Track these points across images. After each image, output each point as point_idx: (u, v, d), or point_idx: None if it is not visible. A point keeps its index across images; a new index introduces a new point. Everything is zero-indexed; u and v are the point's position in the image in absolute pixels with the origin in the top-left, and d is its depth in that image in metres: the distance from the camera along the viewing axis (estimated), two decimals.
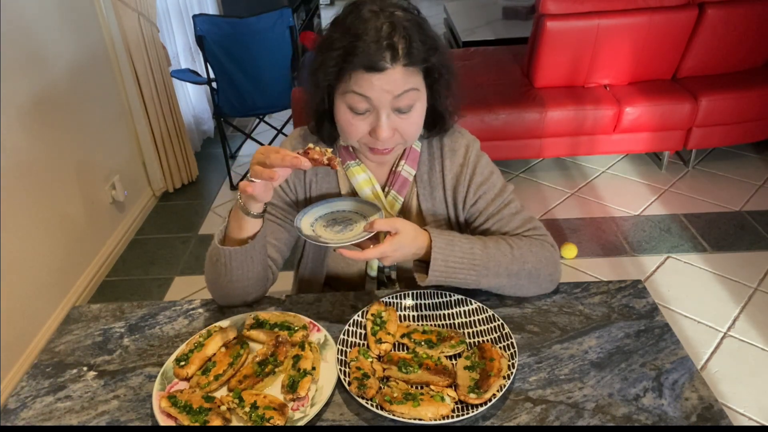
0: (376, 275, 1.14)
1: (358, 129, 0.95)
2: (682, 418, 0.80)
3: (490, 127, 2.79)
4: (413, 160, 1.09)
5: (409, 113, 0.95)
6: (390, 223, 0.90)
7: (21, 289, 2.01)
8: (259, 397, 0.83)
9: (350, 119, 0.95)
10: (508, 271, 0.98)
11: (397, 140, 0.98)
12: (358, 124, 0.95)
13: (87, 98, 2.49)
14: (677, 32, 2.76)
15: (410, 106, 0.94)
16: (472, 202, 1.09)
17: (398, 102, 0.92)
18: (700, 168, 3.10)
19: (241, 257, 0.96)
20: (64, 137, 2.31)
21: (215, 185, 3.26)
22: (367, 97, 0.91)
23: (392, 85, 0.90)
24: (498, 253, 0.98)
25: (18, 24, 2.04)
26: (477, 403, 0.81)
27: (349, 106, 0.94)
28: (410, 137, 0.99)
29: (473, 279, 0.96)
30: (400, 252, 0.91)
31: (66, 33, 2.36)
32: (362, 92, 0.90)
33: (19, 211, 2.01)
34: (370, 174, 1.08)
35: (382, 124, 0.93)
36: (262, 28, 2.77)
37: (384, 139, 0.94)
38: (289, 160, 0.82)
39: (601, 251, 2.50)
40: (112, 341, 1.00)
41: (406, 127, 0.96)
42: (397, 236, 0.90)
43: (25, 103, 2.07)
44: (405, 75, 0.90)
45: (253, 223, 0.95)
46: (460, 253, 0.94)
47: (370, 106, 0.92)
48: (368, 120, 0.94)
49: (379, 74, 0.88)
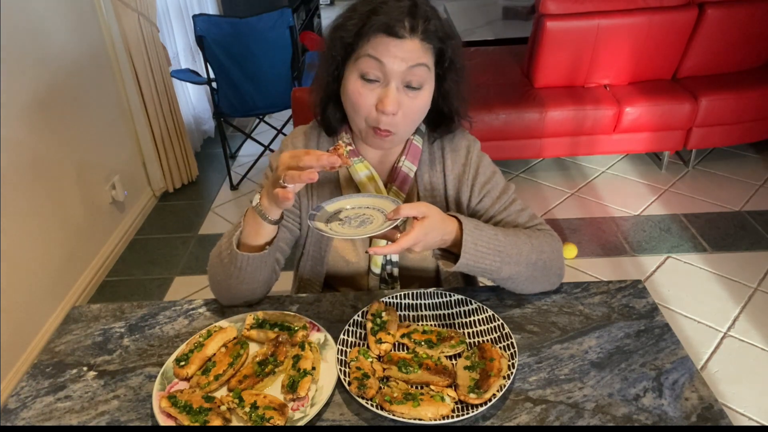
0: (380, 272, 1.14)
1: (366, 99, 0.95)
2: (682, 418, 0.80)
3: (490, 127, 2.79)
4: (414, 156, 1.09)
5: (417, 92, 0.95)
6: (416, 207, 0.86)
7: (21, 289, 2.01)
8: (259, 397, 0.83)
9: (359, 88, 0.94)
10: (527, 259, 0.97)
11: (399, 122, 0.96)
12: (367, 94, 0.94)
13: (87, 98, 2.49)
14: (677, 32, 2.76)
15: (420, 84, 0.94)
16: (477, 201, 1.09)
17: (410, 75, 0.92)
18: (700, 168, 3.10)
19: (256, 263, 0.96)
20: (64, 137, 2.31)
21: (215, 185, 3.26)
22: (382, 62, 0.91)
23: (408, 54, 0.91)
24: (518, 240, 0.97)
25: (18, 24, 2.04)
26: (477, 403, 0.81)
27: (362, 74, 0.93)
28: (411, 123, 0.98)
29: (497, 266, 0.94)
30: (431, 236, 0.87)
31: (66, 33, 2.36)
32: (378, 56, 0.91)
33: (19, 211, 2.01)
34: (372, 170, 1.08)
35: (391, 93, 0.93)
36: (262, 28, 2.77)
37: (390, 112, 0.93)
38: (325, 159, 0.80)
39: (601, 251, 2.50)
40: (112, 341, 1.00)
41: (412, 107, 0.95)
42: (426, 220, 0.86)
43: (26, 103, 2.07)
44: (421, 49, 0.92)
45: (271, 229, 0.95)
46: (486, 237, 0.93)
47: (382, 74, 0.92)
48: (377, 92, 0.94)
49: (397, 41, 0.90)
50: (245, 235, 0.96)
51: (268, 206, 0.90)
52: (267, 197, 0.90)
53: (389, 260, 1.12)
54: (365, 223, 0.88)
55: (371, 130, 0.98)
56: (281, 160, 0.84)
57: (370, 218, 0.90)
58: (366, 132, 1.00)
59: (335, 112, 1.06)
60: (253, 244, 0.96)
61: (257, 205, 0.92)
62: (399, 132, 0.99)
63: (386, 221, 0.86)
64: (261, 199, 0.92)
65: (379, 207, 0.93)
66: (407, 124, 0.98)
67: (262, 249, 0.97)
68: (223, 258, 0.99)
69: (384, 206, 0.93)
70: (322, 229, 0.87)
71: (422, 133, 1.11)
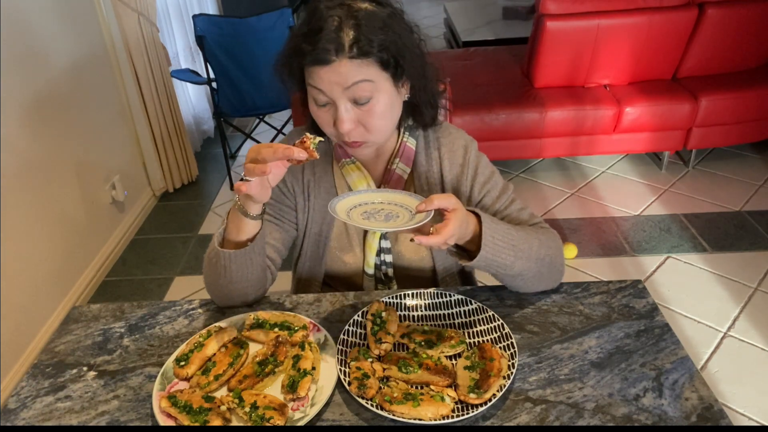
0: (373, 273, 1.14)
1: (325, 120, 0.96)
2: (682, 418, 0.80)
3: (490, 127, 2.79)
4: (408, 158, 1.09)
5: (368, 105, 0.93)
6: (447, 198, 0.85)
7: (21, 289, 2.01)
8: (259, 397, 0.83)
9: (316, 111, 0.96)
10: (537, 255, 0.97)
11: (363, 133, 0.96)
12: (323, 116, 0.96)
13: (87, 98, 2.49)
14: (677, 32, 2.76)
15: (367, 98, 0.92)
16: (477, 201, 1.09)
17: (351, 93, 0.91)
18: (700, 168, 3.10)
19: (240, 260, 0.96)
20: (64, 137, 2.31)
21: (215, 185, 3.26)
22: (320, 89, 0.92)
23: (340, 77, 0.90)
24: (528, 236, 0.97)
25: (18, 24, 2.04)
26: (477, 403, 0.81)
27: (313, 99, 0.95)
28: (376, 130, 0.96)
29: (511, 261, 0.94)
30: (462, 227, 0.86)
31: (66, 33, 2.36)
32: (315, 85, 0.92)
33: (19, 211, 2.01)
34: (365, 172, 1.08)
35: (341, 115, 0.93)
36: (262, 28, 2.77)
37: (346, 131, 0.94)
38: (281, 151, 0.81)
39: (601, 251, 2.50)
40: (112, 341, 1.00)
41: (369, 119, 0.94)
42: (457, 211, 0.85)
43: (26, 103, 2.07)
44: (354, 67, 0.89)
45: (252, 225, 0.95)
46: (502, 231, 0.93)
47: (328, 98, 0.93)
48: (330, 112, 0.95)
49: (326, 67, 0.89)
50: (228, 232, 0.96)
51: (244, 201, 0.91)
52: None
53: (383, 261, 1.13)
54: (390, 217, 0.87)
55: (343, 143, 0.99)
56: (248, 153, 0.85)
57: (393, 213, 0.88)
58: (340, 143, 1.01)
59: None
60: (237, 239, 0.96)
61: (236, 200, 0.92)
62: (370, 139, 0.98)
63: (412, 216, 0.85)
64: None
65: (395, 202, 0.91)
66: (373, 132, 0.97)
67: (246, 245, 0.96)
68: (211, 258, 0.99)
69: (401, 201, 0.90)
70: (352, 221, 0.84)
71: (415, 133, 1.11)
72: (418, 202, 0.86)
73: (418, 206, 0.84)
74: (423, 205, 0.83)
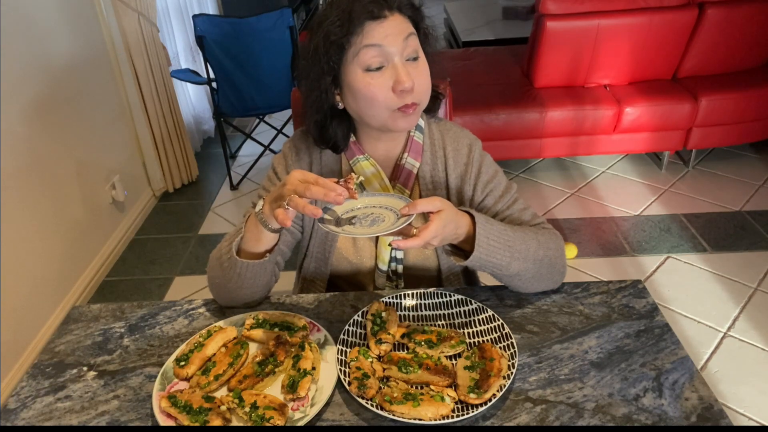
0: (386, 269, 1.14)
1: (380, 88, 0.94)
2: (682, 418, 0.80)
3: (490, 127, 2.79)
4: (416, 152, 1.09)
5: (419, 61, 0.96)
6: (431, 201, 0.87)
7: (21, 289, 2.01)
8: (259, 397, 0.83)
9: (369, 81, 0.94)
10: (534, 256, 0.97)
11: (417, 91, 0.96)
12: (378, 83, 0.94)
13: (87, 98, 2.49)
14: (677, 32, 2.76)
15: (417, 52, 0.96)
16: (480, 200, 1.09)
17: (407, 48, 0.94)
18: (700, 168, 3.10)
19: (256, 269, 0.96)
20: (64, 137, 2.31)
21: (215, 185, 3.26)
22: (380, 45, 0.92)
23: (398, 29, 0.93)
24: (526, 237, 0.97)
25: (18, 24, 2.04)
26: (477, 403, 0.81)
27: (365, 67, 0.94)
28: (424, 91, 0.98)
29: (506, 261, 0.94)
30: (448, 229, 0.87)
31: (66, 33, 2.36)
32: (374, 41, 0.92)
33: (19, 211, 2.01)
34: (378, 167, 1.08)
35: (401, 69, 0.93)
36: (262, 28, 2.77)
37: (408, 87, 0.93)
38: (332, 197, 0.81)
39: (601, 251, 2.50)
40: (112, 341, 1.00)
41: (419, 78, 0.96)
42: (442, 213, 0.86)
43: (26, 103, 2.07)
44: (404, 20, 0.95)
45: (272, 237, 0.95)
46: (497, 232, 0.93)
47: (384, 58, 0.93)
48: (386, 76, 0.94)
49: (383, 21, 0.92)
50: (245, 242, 0.96)
51: (269, 215, 0.89)
52: (269, 206, 0.89)
53: (394, 257, 1.12)
54: (376, 221, 0.88)
55: (396, 112, 0.96)
56: (290, 179, 0.84)
57: (380, 217, 0.89)
58: (389, 118, 0.97)
59: (338, 128, 1.04)
60: (254, 251, 0.96)
61: (259, 212, 0.91)
62: (422, 101, 0.99)
63: (398, 219, 0.86)
64: (264, 206, 0.91)
65: (385, 205, 0.92)
66: (423, 94, 0.98)
67: (263, 256, 0.96)
68: (222, 262, 0.98)
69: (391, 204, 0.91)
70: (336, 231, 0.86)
71: (421, 128, 1.11)
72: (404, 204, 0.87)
73: (402, 210, 0.86)
74: (407, 209, 0.85)
